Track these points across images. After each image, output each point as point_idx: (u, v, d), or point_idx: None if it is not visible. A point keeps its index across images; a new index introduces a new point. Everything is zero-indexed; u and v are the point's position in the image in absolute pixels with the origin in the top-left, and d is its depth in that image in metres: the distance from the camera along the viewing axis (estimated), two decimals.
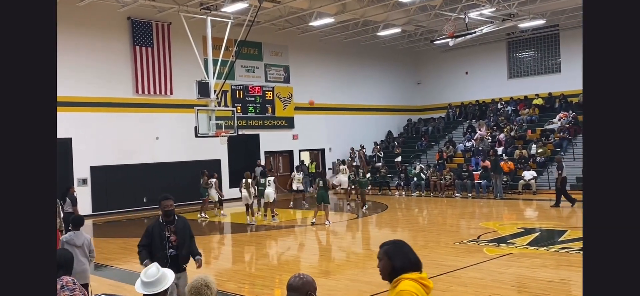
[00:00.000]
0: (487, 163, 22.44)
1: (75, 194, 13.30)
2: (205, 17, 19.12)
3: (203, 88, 18.18)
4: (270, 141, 26.43)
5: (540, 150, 23.54)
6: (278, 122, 26.79)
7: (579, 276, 8.85)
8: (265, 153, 26.43)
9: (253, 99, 25.83)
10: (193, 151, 22.72)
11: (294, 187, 21.77)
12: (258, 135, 25.95)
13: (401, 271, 3.15)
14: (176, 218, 6.41)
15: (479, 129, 27.40)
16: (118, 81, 21.51)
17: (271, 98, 26.54)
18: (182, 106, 22.11)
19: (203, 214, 18.58)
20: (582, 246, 11.02)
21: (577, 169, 21.96)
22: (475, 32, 22.60)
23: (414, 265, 3.20)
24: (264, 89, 26.25)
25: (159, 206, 6.45)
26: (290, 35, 26.29)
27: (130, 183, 21.25)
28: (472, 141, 26.80)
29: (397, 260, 3.19)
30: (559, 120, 25.38)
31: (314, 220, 15.98)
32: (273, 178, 18.15)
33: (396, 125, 32.38)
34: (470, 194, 22.05)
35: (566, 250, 10.76)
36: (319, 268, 10.53)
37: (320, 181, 16.19)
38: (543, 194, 20.95)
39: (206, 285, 3.71)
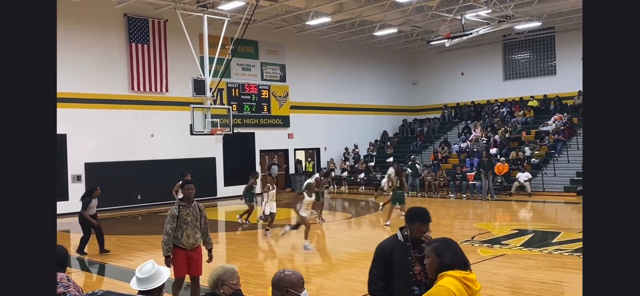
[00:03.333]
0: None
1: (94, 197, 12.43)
2: (201, 14, 19.11)
3: (199, 86, 18.17)
4: (266, 139, 26.43)
5: (537, 152, 23.64)
6: (274, 121, 26.79)
7: (572, 278, 8.90)
8: (261, 151, 26.43)
9: (249, 97, 25.82)
10: (188, 149, 22.69)
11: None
12: (253, 134, 25.94)
13: (448, 269, 3.10)
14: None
15: (474, 130, 27.48)
16: (114, 77, 21.46)
17: (267, 97, 26.54)
18: (178, 104, 22.08)
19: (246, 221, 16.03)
20: (582, 247, 11.02)
21: (572, 172, 22.07)
22: (471, 34, 22.65)
23: (462, 263, 3.15)
24: (260, 87, 26.25)
25: (410, 219, 4.08)
26: (286, 34, 26.29)
27: (125, 180, 21.21)
28: (467, 142, 26.87)
29: (446, 258, 3.14)
30: (554, 122, 25.48)
31: (387, 222, 15.22)
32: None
33: (392, 125, 32.43)
34: (464, 195, 22.11)
35: (560, 251, 10.81)
36: (313, 267, 10.55)
37: (398, 181, 15.47)
38: (537, 196, 21.03)
39: (221, 266, 4.13)
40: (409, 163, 24.67)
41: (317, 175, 17.55)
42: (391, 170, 16.85)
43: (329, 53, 28.86)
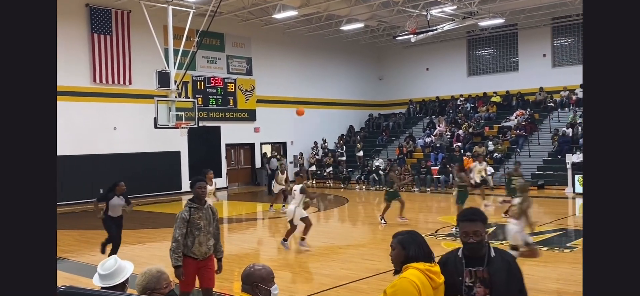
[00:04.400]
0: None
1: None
2: (166, 6, 18.80)
3: (163, 78, 17.89)
4: (232, 133, 26.23)
5: (499, 146, 24.13)
6: (240, 115, 26.60)
7: (532, 270, 9.13)
8: (227, 145, 26.23)
9: (214, 90, 25.56)
10: (152, 143, 22.33)
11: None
12: (219, 127, 25.70)
13: (413, 261, 3.15)
14: (493, 254, 3.36)
15: (439, 125, 27.87)
16: (75, 69, 20.92)
17: (233, 90, 26.32)
18: (142, 96, 21.69)
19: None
20: (542, 239, 11.22)
21: (533, 166, 22.63)
22: (436, 29, 22.94)
23: (426, 255, 3.20)
24: (226, 80, 26.01)
25: (457, 222, 3.56)
26: (253, 27, 26.11)
27: (87, 173, 20.75)
28: (432, 136, 27.25)
29: (411, 250, 3.20)
30: (516, 117, 26.05)
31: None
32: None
33: (358, 119, 32.60)
34: (428, 189, 22.42)
35: None
36: (279, 261, 10.54)
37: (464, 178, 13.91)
38: (500, 190, 21.46)
39: (144, 273, 3.64)
40: (374, 168, 25.05)
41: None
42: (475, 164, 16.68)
43: (296, 47, 28.80)
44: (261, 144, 27.84)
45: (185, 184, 23.93)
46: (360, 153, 27.79)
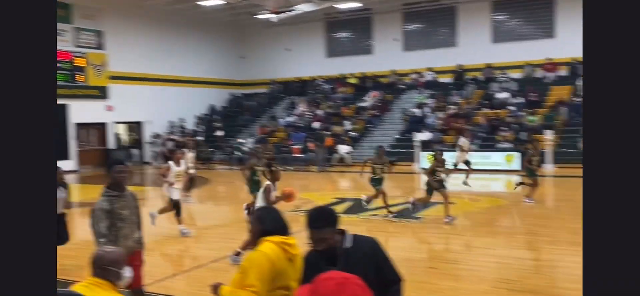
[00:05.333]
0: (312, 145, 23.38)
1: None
2: None
3: None
4: (82, 112, 24.45)
5: (356, 126, 25.28)
6: (90, 92, 24.88)
7: (383, 239, 9.77)
8: (77, 124, 24.43)
9: (60, 65, 23.57)
10: None
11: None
12: (67, 105, 23.82)
13: (269, 234, 3.24)
14: (349, 245, 3.24)
15: (299, 106, 28.45)
16: None
17: (83, 65, 24.50)
18: None
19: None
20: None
21: (385, 144, 24.05)
22: (295, 10, 23.26)
23: (282, 228, 3.32)
24: (74, 54, 24.13)
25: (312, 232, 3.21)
26: None
27: None
28: (293, 116, 27.75)
29: (268, 224, 3.30)
30: (371, 98, 27.45)
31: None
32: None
33: (219, 99, 32.14)
34: (290, 167, 22.87)
35: (375, 216, 11.79)
36: None
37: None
38: (356, 167, 22.55)
39: None
40: (236, 146, 25.03)
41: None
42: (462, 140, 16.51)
43: (153, 21, 27.53)
44: (115, 123, 26.34)
45: None
46: (221, 133, 27.49)
